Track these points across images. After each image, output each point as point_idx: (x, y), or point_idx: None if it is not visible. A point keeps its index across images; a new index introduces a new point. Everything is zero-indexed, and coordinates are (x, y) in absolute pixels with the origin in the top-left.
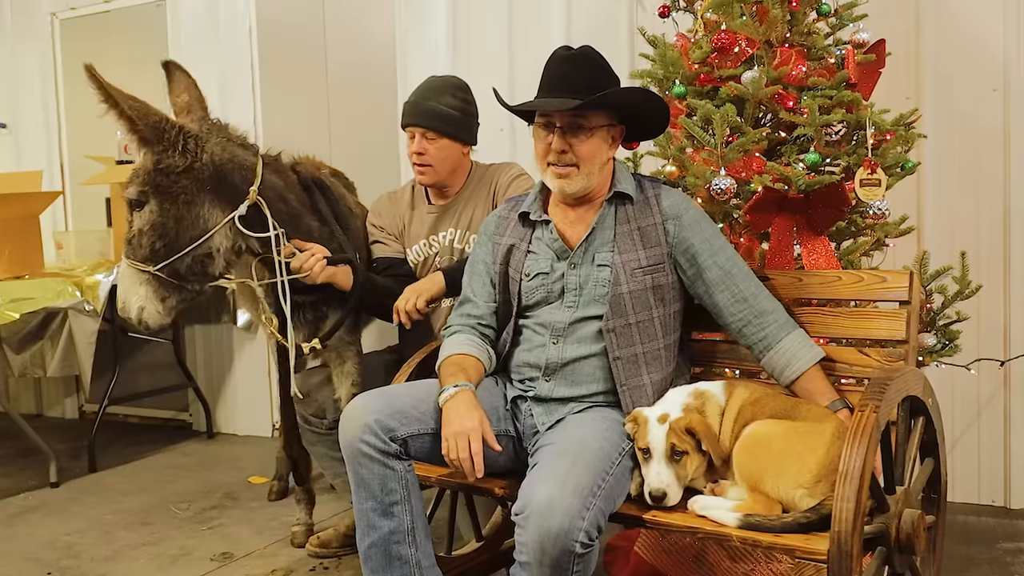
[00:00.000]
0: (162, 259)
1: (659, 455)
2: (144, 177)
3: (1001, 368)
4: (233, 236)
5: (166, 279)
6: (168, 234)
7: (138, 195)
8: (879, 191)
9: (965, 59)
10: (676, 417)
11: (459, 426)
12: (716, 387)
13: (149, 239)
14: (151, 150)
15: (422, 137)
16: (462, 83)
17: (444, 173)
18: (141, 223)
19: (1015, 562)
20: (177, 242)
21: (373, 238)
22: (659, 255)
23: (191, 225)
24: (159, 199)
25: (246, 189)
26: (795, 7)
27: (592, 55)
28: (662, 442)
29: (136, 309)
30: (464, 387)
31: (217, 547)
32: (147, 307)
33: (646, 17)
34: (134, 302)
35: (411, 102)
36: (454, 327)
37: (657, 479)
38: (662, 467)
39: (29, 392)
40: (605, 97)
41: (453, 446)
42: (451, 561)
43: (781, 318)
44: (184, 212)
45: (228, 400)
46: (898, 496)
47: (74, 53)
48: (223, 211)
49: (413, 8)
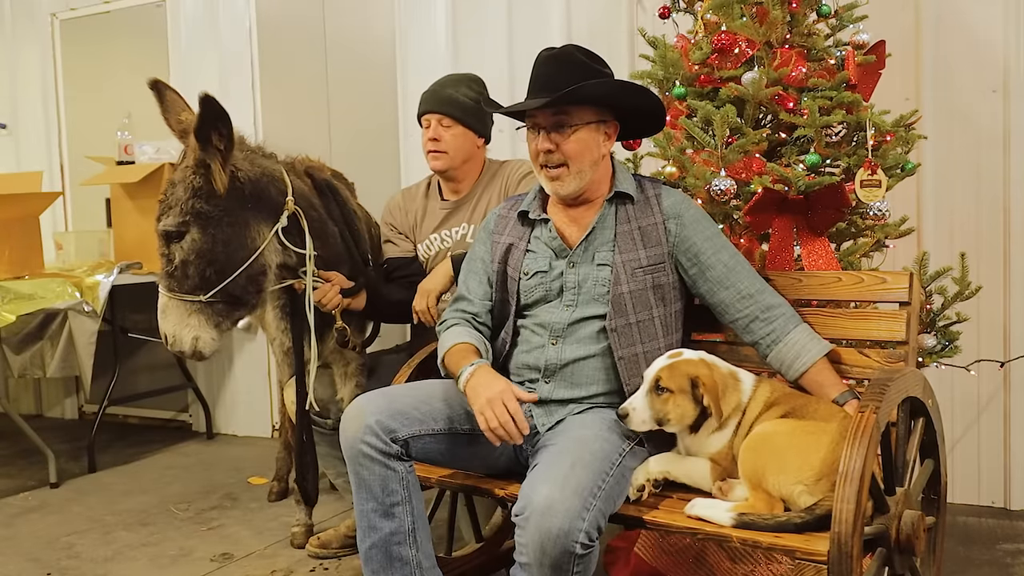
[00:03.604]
0: (214, 285)
1: (645, 386)
2: (182, 207)
3: (1001, 369)
4: (281, 250)
5: (219, 304)
6: (218, 259)
7: (177, 226)
8: (879, 192)
9: (965, 60)
10: (683, 359)
11: (488, 394)
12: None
13: (197, 268)
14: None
15: (438, 124)
16: (478, 78)
17: (458, 161)
18: (184, 254)
19: (1015, 563)
20: (229, 265)
21: (384, 237)
22: (660, 254)
23: (240, 246)
24: (201, 226)
25: (282, 200)
26: (795, 8)
27: (573, 53)
28: (652, 373)
29: (190, 340)
30: (479, 363)
31: (217, 548)
32: (202, 336)
33: (646, 18)
34: (187, 334)
35: (428, 91)
36: (449, 321)
37: (628, 402)
38: (640, 397)
39: (29, 392)
40: (577, 90)
41: (490, 415)
42: (451, 562)
43: (788, 311)
44: (231, 234)
45: (228, 401)
46: (898, 497)
47: (74, 54)
48: (268, 226)
49: (413, 8)
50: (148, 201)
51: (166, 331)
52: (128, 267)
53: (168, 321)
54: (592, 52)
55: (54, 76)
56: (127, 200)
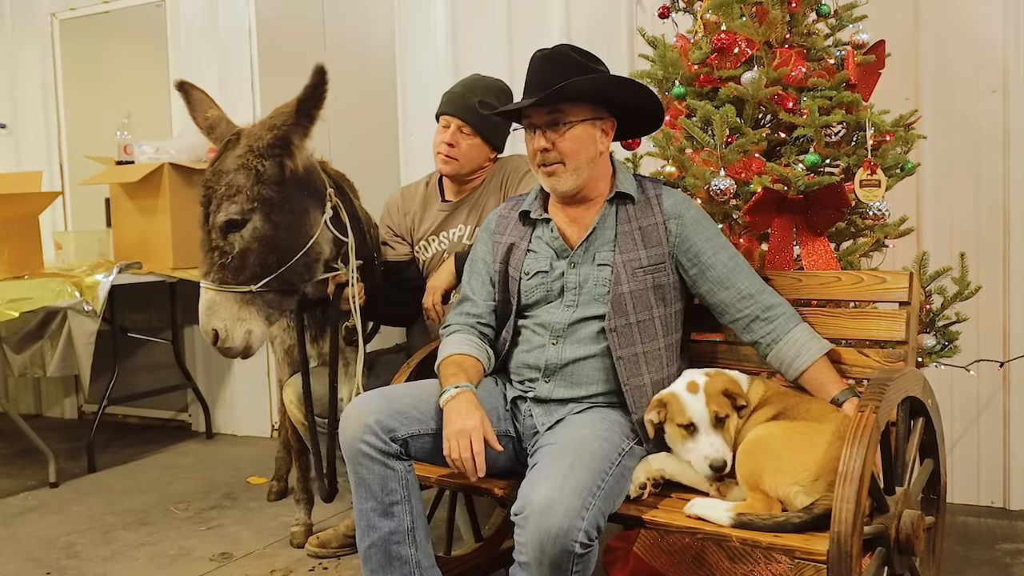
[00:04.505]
0: (273, 271)
1: (705, 425)
2: (247, 193)
3: (1000, 369)
4: (332, 238)
5: (269, 294)
6: (280, 245)
7: (242, 214)
8: (879, 192)
9: (965, 60)
10: (706, 381)
11: (460, 425)
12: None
13: (259, 256)
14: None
15: (457, 130)
16: (507, 89)
17: (467, 169)
18: (245, 243)
19: (1014, 563)
20: (289, 251)
21: (382, 239)
22: (660, 255)
23: (299, 232)
24: (264, 212)
25: (324, 191)
26: (795, 8)
27: (567, 52)
28: (704, 411)
29: (243, 335)
30: (465, 387)
31: (216, 547)
32: (254, 330)
33: (646, 18)
34: (239, 328)
35: (455, 92)
36: (453, 326)
37: (714, 449)
38: (713, 437)
39: (28, 392)
40: (569, 86)
41: (455, 446)
42: (450, 561)
43: (788, 311)
44: (291, 220)
45: (227, 400)
46: (898, 497)
47: (74, 53)
48: (319, 213)
49: (413, 8)
50: (147, 201)
51: (216, 327)
52: (127, 267)
53: (218, 316)
54: (586, 51)
55: (54, 76)
56: (126, 200)
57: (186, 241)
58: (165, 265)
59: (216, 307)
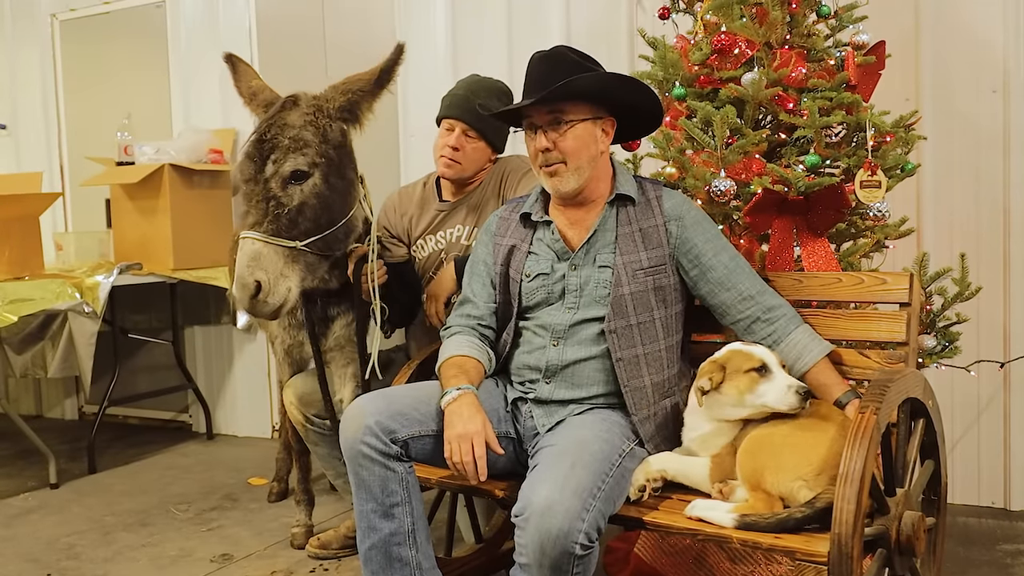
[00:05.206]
0: (323, 231)
1: (775, 365)
2: (316, 148)
3: (1001, 370)
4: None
5: (311, 255)
6: (333, 206)
7: (308, 166)
8: (879, 193)
9: (965, 60)
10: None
11: (462, 429)
12: None
13: (314, 211)
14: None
15: (462, 134)
16: (508, 90)
17: (470, 172)
18: (304, 196)
19: (1015, 564)
20: (339, 214)
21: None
22: (661, 256)
23: (345, 199)
24: (324, 172)
25: (358, 171)
26: (795, 9)
27: (565, 52)
28: (771, 354)
29: (283, 291)
30: (466, 390)
31: (217, 548)
32: (293, 289)
33: (646, 19)
34: (282, 284)
35: (459, 95)
36: (453, 328)
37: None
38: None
39: (29, 393)
40: (569, 84)
41: (456, 449)
42: (451, 563)
43: (789, 312)
44: (342, 186)
45: (228, 401)
46: (898, 498)
47: (74, 54)
48: (359, 187)
49: (413, 8)
50: (148, 202)
51: (260, 278)
52: (128, 268)
53: (262, 268)
54: (583, 52)
55: (54, 76)
56: (127, 201)
57: (186, 242)
58: (165, 266)
59: (261, 259)
